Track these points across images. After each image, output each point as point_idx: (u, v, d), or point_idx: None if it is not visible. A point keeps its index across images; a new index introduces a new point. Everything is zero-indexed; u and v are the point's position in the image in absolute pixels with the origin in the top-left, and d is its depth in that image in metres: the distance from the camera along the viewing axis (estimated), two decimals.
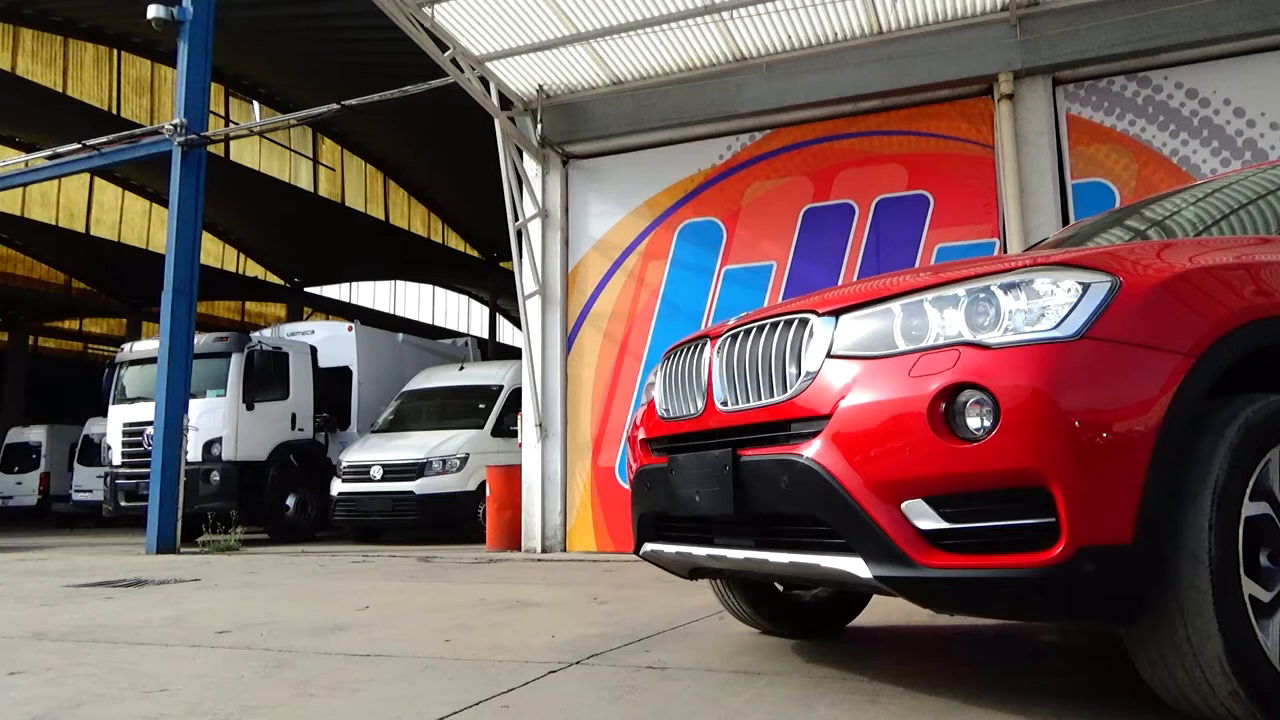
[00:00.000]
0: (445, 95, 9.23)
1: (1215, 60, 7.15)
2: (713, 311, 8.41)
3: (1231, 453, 2.00)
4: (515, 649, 3.48)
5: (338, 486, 11.51)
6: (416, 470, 11.14)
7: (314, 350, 13.35)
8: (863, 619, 3.81)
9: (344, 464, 11.64)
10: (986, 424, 2.00)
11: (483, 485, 10.19)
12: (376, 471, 11.27)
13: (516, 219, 8.81)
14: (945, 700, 2.50)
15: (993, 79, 7.58)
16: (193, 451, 11.09)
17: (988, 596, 2.09)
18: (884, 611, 4.07)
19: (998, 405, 1.99)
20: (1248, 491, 2.01)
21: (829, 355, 2.35)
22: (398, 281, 31.56)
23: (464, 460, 11.23)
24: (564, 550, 8.64)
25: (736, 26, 7.91)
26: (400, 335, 15.97)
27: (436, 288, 33.37)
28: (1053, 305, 2.07)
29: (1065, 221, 7.25)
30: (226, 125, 20.33)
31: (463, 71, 8.08)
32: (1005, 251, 7.31)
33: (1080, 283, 2.09)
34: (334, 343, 13.96)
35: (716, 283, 8.50)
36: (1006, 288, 2.14)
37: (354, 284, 30.45)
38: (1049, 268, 2.16)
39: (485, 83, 8.55)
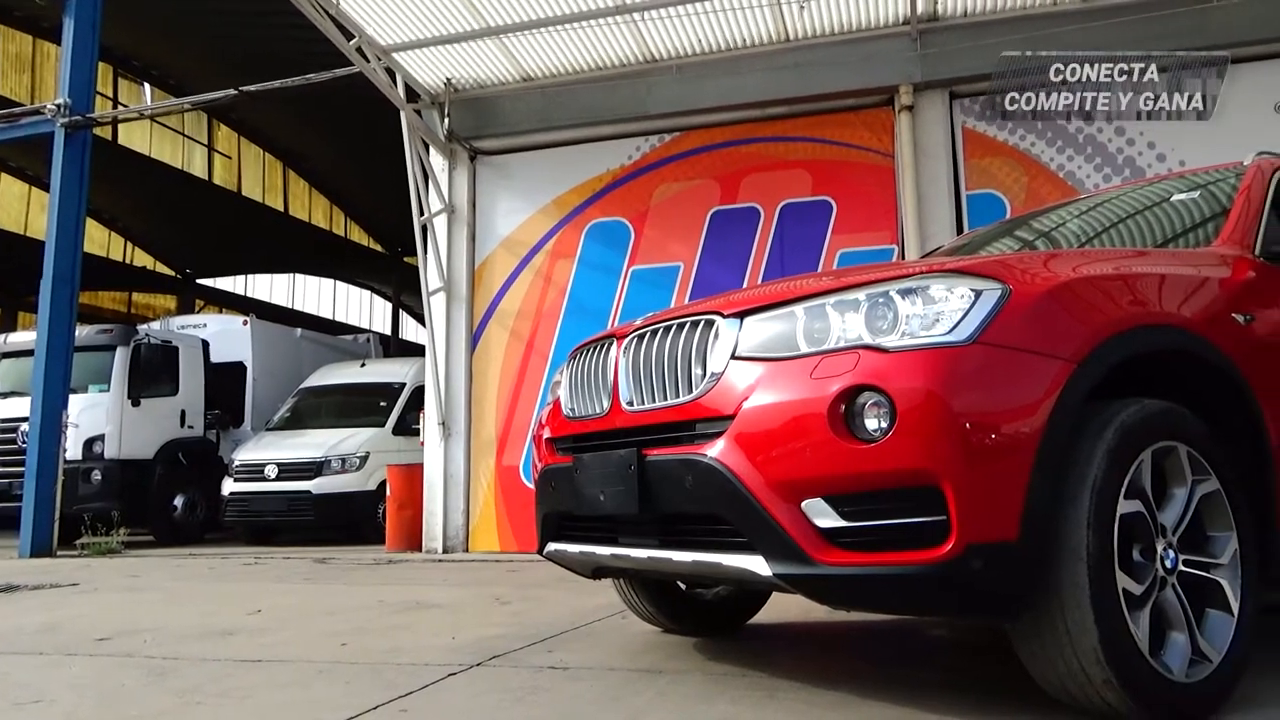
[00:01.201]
0: (350, 85, 8.99)
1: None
2: (619, 311, 8.42)
3: (1109, 454, 2.11)
4: (415, 651, 3.41)
5: (229, 486, 11.11)
6: (314, 469, 10.84)
7: (206, 344, 12.82)
8: (762, 616, 3.87)
9: (237, 462, 11.24)
10: (883, 425, 2.06)
11: (383, 485, 9.99)
12: (271, 470, 10.92)
13: (422, 214, 8.65)
14: (841, 694, 2.56)
15: (894, 90, 7.81)
16: (72, 449, 10.50)
17: (882, 593, 2.16)
18: (783, 608, 4.14)
19: (894, 407, 2.04)
20: (1123, 490, 2.13)
21: (733, 356, 2.38)
22: (297, 275, 30.57)
23: (364, 459, 10.98)
24: (466, 550, 8.52)
25: (648, 28, 7.94)
26: (298, 330, 15.54)
27: (338, 282, 32.45)
28: (947, 311, 2.14)
29: (959, 230, 7.52)
30: (115, 107, 19.35)
31: (368, 61, 7.89)
32: (903, 258, 7.54)
33: (973, 290, 2.17)
34: (228, 337, 13.49)
35: (624, 282, 8.52)
36: (904, 293, 2.20)
37: (250, 276, 29.34)
38: (944, 275, 2.24)
39: (392, 73, 8.37)
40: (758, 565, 2.21)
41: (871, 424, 2.07)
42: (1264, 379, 2.52)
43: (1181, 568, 2.24)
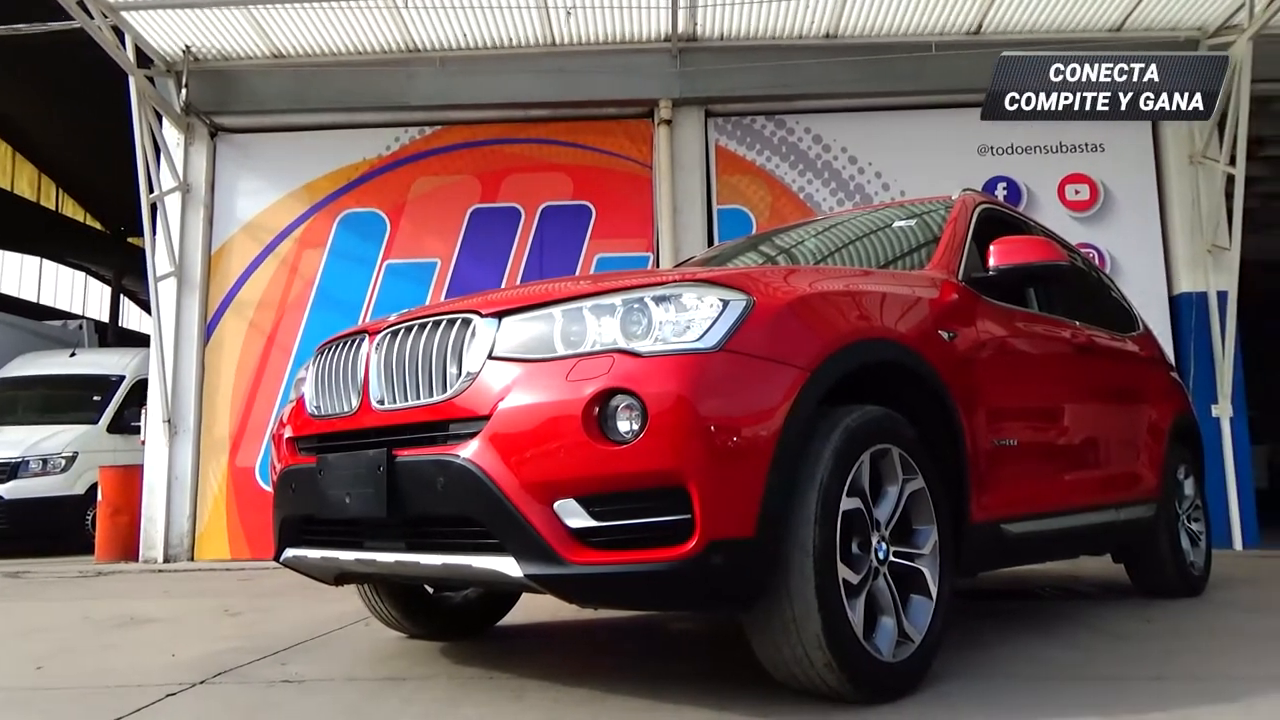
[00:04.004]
0: (69, 41, 8.02)
1: (836, 113, 8.21)
2: (372, 306, 8.11)
3: (835, 455, 2.30)
4: (127, 672, 3.09)
5: None
6: (7, 471, 9.59)
7: None
8: (511, 617, 3.86)
9: None
10: (635, 427, 2.12)
11: (94, 488, 8.98)
12: None
13: (151, 191, 7.89)
14: (589, 690, 2.61)
15: (654, 104, 8.09)
16: None
17: (630, 590, 2.23)
18: (533, 609, 4.16)
19: (645, 410, 2.11)
20: (845, 489, 2.33)
21: (490, 356, 2.36)
22: None
23: (71, 459, 9.87)
24: (192, 559, 7.85)
25: (410, 16, 7.71)
26: None
27: (45, 261, 28.86)
28: (697, 319, 2.25)
29: (710, 242, 7.91)
30: None
31: (92, 18, 7.06)
32: (658, 265, 7.82)
33: (721, 299, 2.29)
34: None
35: (378, 276, 8.22)
36: (658, 300, 2.29)
37: None
38: (696, 284, 2.35)
39: (120, 33, 7.56)
40: (508, 566, 2.20)
41: (624, 426, 2.13)
42: (963, 390, 2.85)
43: (891, 558, 2.48)
